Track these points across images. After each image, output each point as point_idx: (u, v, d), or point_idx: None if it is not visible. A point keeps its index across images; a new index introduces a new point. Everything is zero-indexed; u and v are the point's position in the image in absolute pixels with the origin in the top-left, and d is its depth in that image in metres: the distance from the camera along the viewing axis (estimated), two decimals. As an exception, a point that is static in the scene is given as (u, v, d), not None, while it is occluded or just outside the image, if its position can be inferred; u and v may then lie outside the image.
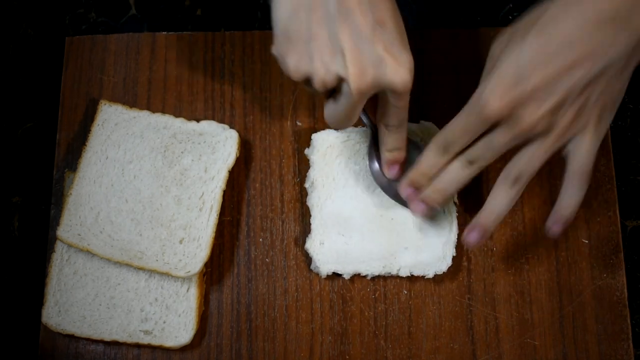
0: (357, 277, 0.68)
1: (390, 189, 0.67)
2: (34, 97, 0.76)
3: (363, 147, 0.69)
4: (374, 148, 0.67)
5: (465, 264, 0.69)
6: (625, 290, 0.68)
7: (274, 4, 0.56)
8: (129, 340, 0.66)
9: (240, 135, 0.70)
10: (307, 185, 0.70)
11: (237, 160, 0.70)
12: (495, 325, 0.67)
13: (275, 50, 0.57)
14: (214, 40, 0.74)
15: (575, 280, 0.68)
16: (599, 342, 0.67)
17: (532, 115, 0.55)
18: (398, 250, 0.67)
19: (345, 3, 0.54)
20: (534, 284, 0.68)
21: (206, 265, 0.67)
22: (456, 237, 0.67)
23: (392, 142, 0.64)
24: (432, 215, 0.67)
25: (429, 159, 0.62)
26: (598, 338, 0.67)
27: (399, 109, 0.60)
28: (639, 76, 0.76)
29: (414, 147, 0.66)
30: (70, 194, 0.68)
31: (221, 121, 0.72)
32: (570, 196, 0.60)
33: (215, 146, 0.70)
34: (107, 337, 0.66)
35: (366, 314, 0.68)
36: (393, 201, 0.67)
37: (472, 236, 0.62)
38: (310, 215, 0.68)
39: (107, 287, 0.67)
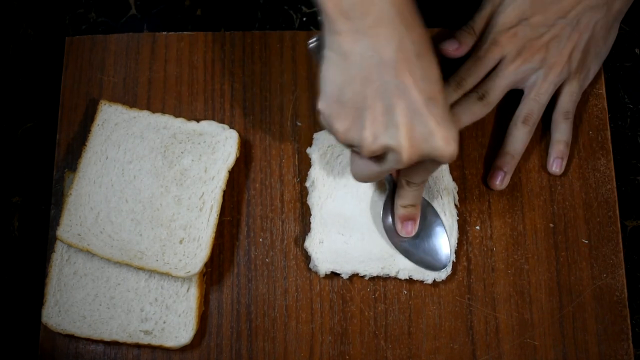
0: (357, 277, 0.68)
1: (400, 246, 0.67)
2: (34, 97, 0.76)
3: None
4: (390, 204, 0.67)
5: (465, 264, 0.68)
6: (625, 290, 0.68)
7: (326, 64, 0.56)
8: (129, 340, 0.66)
9: (240, 135, 0.70)
10: (307, 184, 0.70)
11: (237, 160, 0.70)
12: (495, 325, 0.67)
13: (323, 108, 0.57)
14: (214, 40, 0.74)
15: (575, 280, 0.68)
16: (599, 342, 0.67)
17: (533, 43, 0.67)
18: (397, 251, 0.67)
19: (402, 78, 0.54)
20: (534, 284, 0.68)
21: (206, 265, 0.67)
22: (456, 242, 0.68)
23: (410, 199, 0.65)
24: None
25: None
26: (598, 338, 0.67)
27: (427, 171, 0.61)
28: (638, 78, 0.76)
29: (425, 205, 0.67)
30: (70, 194, 0.68)
31: (221, 121, 0.72)
32: (560, 132, 0.70)
33: (215, 146, 0.70)
34: (107, 337, 0.66)
35: (366, 314, 0.68)
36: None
37: (496, 179, 0.69)
38: (310, 215, 0.68)
39: (107, 287, 0.67)
